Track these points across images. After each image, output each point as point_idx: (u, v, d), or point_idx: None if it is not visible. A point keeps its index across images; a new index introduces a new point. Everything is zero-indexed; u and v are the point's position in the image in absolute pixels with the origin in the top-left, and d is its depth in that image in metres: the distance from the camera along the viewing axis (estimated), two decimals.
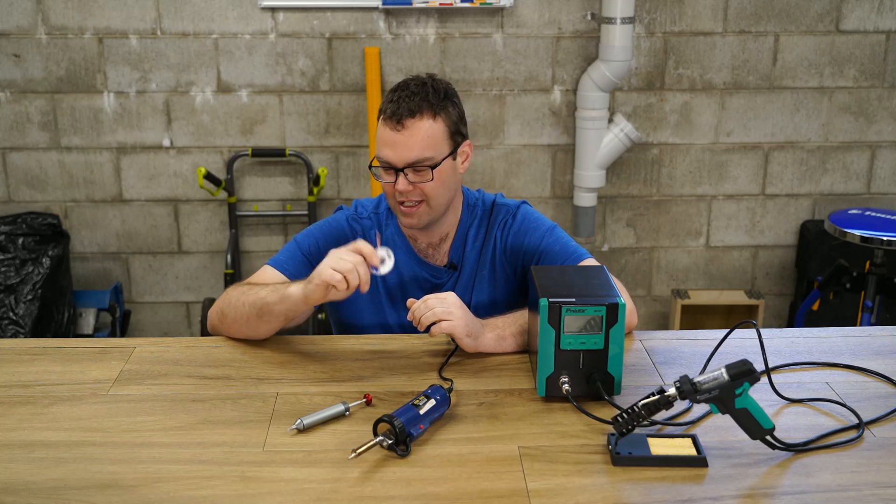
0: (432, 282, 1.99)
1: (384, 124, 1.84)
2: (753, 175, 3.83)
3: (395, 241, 1.99)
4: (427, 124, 1.83)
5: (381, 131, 1.85)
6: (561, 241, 1.97)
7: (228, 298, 1.86)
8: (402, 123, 1.81)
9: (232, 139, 3.70)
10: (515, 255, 1.99)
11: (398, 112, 1.82)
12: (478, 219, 2.01)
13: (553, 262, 1.94)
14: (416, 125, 1.82)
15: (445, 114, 1.85)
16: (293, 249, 1.96)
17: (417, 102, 1.82)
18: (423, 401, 1.51)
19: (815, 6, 3.63)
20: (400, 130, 1.82)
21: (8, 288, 3.47)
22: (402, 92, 1.84)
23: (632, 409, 1.43)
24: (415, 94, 1.83)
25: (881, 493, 1.37)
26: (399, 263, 1.98)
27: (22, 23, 3.54)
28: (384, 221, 2.00)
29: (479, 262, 2.00)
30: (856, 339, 1.89)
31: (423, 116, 1.82)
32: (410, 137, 1.82)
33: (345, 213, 2.02)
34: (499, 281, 2.00)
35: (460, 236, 2.00)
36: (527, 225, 1.99)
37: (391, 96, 1.85)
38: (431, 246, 2.00)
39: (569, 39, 3.64)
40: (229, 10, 3.55)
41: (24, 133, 3.66)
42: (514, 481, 1.39)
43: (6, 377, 1.72)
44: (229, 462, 1.44)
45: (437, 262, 2.00)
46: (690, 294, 3.86)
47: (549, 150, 3.77)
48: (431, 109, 1.83)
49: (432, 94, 1.84)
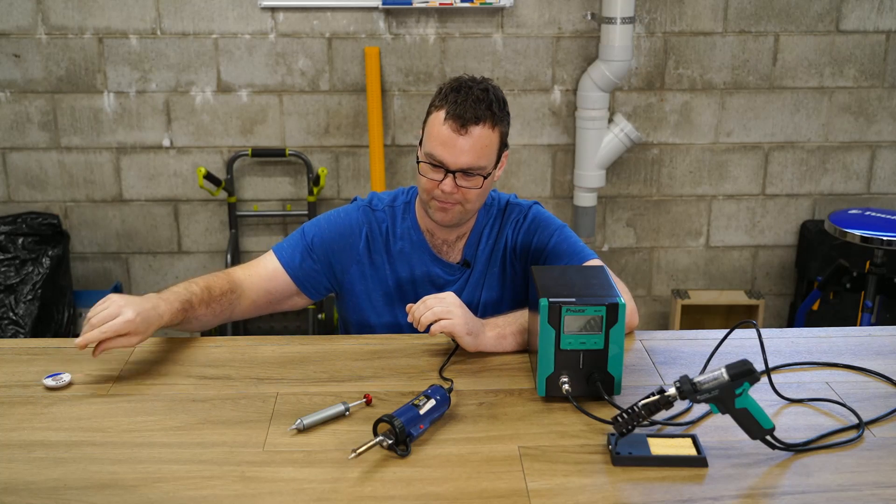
0: (445, 278, 2.00)
1: (445, 123, 1.80)
2: (753, 175, 3.83)
3: (410, 235, 2.00)
4: (487, 133, 1.82)
5: (438, 128, 1.81)
6: (569, 240, 1.98)
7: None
8: (466, 128, 1.79)
9: (232, 139, 3.70)
10: (525, 253, 2.00)
11: (464, 116, 1.79)
12: (493, 218, 2.02)
13: (560, 262, 1.95)
14: (479, 132, 1.80)
15: (502, 125, 1.85)
16: (297, 238, 1.98)
17: (483, 110, 1.80)
18: (423, 401, 1.51)
19: (815, 6, 3.63)
20: (463, 134, 1.80)
21: (8, 288, 3.47)
22: (466, 94, 1.81)
23: (632, 409, 1.43)
24: (480, 100, 1.80)
25: (881, 493, 1.37)
26: (412, 261, 1.99)
27: (22, 23, 3.54)
28: (400, 215, 2.01)
29: (490, 261, 2.01)
30: (856, 339, 1.89)
31: (485, 125, 1.81)
32: (471, 143, 1.80)
33: (358, 205, 2.02)
34: (508, 279, 2.01)
35: (475, 234, 2.01)
36: (536, 224, 2.00)
37: (455, 97, 1.81)
38: (447, 243, 2.00)
39: (569, 39, 3.64)
40: (229, 10, 3.55)
41: (24, 133, 3.66)
42: (514, 481, 1.39)
43: (6, 377, 1.72)
44: (229, 462, 1.44)
45: (451, 259, 2.01)
46: (690, 294, 3.86)
47: (549, 150, 3.77)
48: (493, 119, 1.82)
49: (495, 103, 1.83)
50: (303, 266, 1.95)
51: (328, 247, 1.97)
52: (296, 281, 1.95)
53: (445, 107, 1.81)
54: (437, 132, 1.82)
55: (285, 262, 1.95)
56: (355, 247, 1.98)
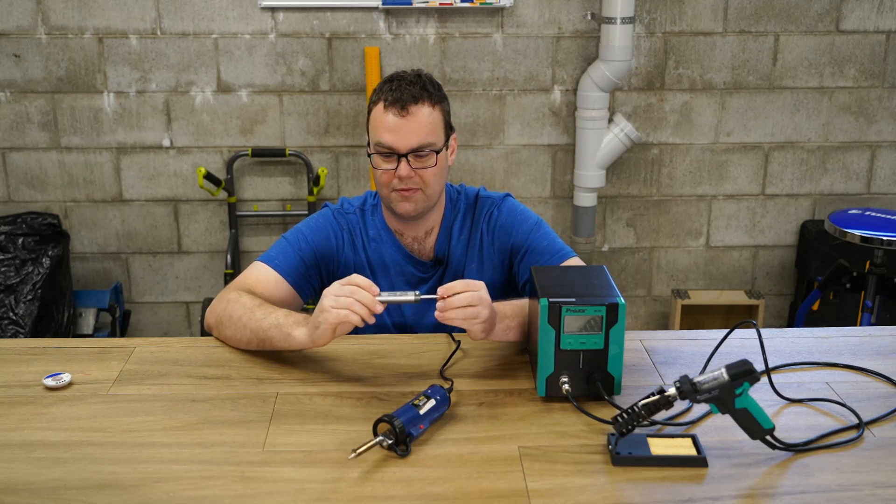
0: (419, 276, 2.01)
1: (385, 111, 1.85)
2: (753, 175, 3.83)
3: (381, 236, 2.01)
4: (428, 110, 1.86)
5: (380, 118, 1.86)
6: (548, 237, 1.99)
7: (229, 312, 1.82)
8: (407, 109, 1.84)
9: (232, 139, 3.70)
10: (503, 248, 2.01)
11: (402, 98, 1.84)
12: (461, 212, 2.03)
13: (538, 259, 1.95)
14: (420, 111, 1.85)
15: (441, 105, 1.90)
16: (284, 246, 1.97)
17: (418, 90, 1.86)
18: (423, 401, 1.51)
19: (815, 6, 3.63)
20: (405, 116, 1.84)
21: (8, 288, 3.47)
22: (399, 81, 1.87)
23: (632, 409, 1.43)
24: (413, 83, 1.87)
25: (881, 493, 1.37)
26: (386, 262, 2.00)
27: (22, 23, 3.54)
28: (369, 217, 2.02)
29: (466, 256, 2.01)
30: (856, 339, 1.89)
31: (424, 103, 1.86)
32: (414, 122, 1.84)
33: (331, 210, 2.04)
34: (486, 274, 2.01)
35: (445, 230, 2.01)
36: (513, 219, 2.01)
37: (389, 85, 1.87)
38: (417, 241, 2.01)
39: (569, 39, 3.64)
40: (229, 10, 3.55)
41: (24, 133, 3.66)
42: (514, 481, 1.39)
43: (6, 377, 1.72)
44: (229, 462, 1.44)
45: (424, 256, 2.02)
46: (690, 294, 3.86)
47: (549, 150, 3.77)
48: (430, 98, 1.87)
49: (429, 84, 1.89)
50: (298, 270, 1.95)
51: (315, 251, 1.97)
52: (295, 286, 1.94)
53: (382, 97, 1.87)
54: (380, 121, 1.86)
55: (282, 270, 1.93)
56: (340, 249, 2.00)
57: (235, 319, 1.80)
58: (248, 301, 1.81)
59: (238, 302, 1.82)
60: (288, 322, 1.73)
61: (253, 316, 1.77)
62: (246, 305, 1.80)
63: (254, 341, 1.78)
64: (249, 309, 1.79)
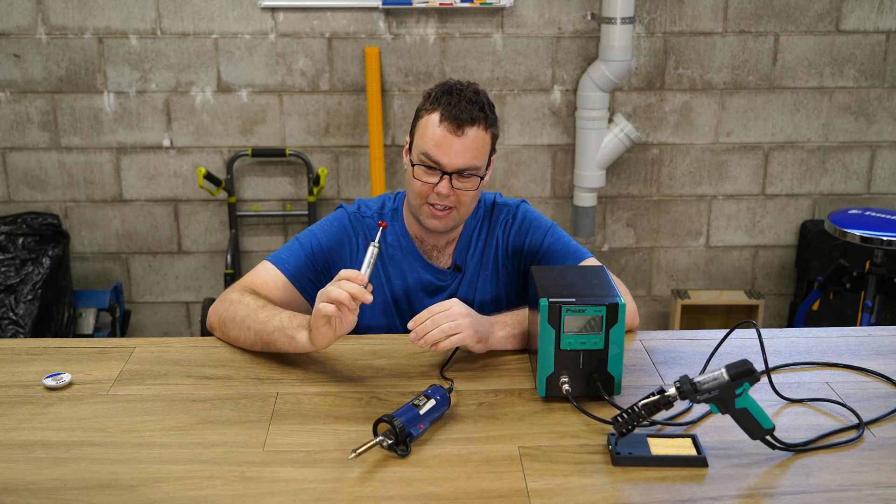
0: (437, 284, 1.99)
1: (441, 125, 1.81)
2: (753, 175, 3.83)
3: (400, 243, 1.98)
4: (481, 134, 1.83)
5: (432, 129, 1.81)
6: (562, 240, 1.98)
7: (232, 313, 1.81)
8: (462, 129, 1.80)
9: (232, 139, 3.70)
10: (517, 254, 2.00)
11: (460, 117, 1.80)
12: (480, 219, 2.02)
13: (556, 262, 1.94)
14: (474, 133, 1.81)
15: (493, 129, 1.87)
16: (295, 248, 1.95)
17: (477, 111, 1.81)
18: (423, 401, 1.51)
19: (815, 6, 3.63)
20: (458, 135, 1.80)
21: (8, 288, 3.47)
22: (459, 97, 1.82)
23: (632, 409, 1.43)
24: (473, 102, 1.82)
25: (881, 493, 1.37)
26: (404, 268, 1.98)
27: (22, 23, 3.54)
28: (388, 223, 1.99)
29: (482, 263, 2.00)
30: (856, 339, 1.89)
31: (479, 126, 1.82)
32: (466, 143, 1.81)
33: (347, 211, 2.00)
34: (501, 280, 2.01)
35: (465, 238, 2.00)
36: (528, 224, 2.00)
37: (448, 98, 1.82)
38: (437, 248, 1.99)
39: (569, 39, 3.64)
40: (229, 10, 3.55)
41: (24, 133, 3.66)
42: (514, 481, 1.39)
43: (6, 377, 1.72)
44: (229, 462, 1.44)
45: (442, 264, 2.00)
46: (690, 294, 3.86)
47: (549, 150, 3.77)
48: (486, 121, 1.83)
49: (487, 105, 1.84)
50: (306, 274, 1.93)
51: (328, 254, 1.95)
52: (300, 290, 1.93)
53: (439, 109, 1.81)
54: (431, 133, 1.81)
55: (290, 272, 1.91)
56: (353, 254, 1.96)
57: (239, 321, 1.79)
58: (252, 302, 1.81)
59: (241, 303, 1.81)
60: (292, 325, 1.72)
61: (257, 318, 1.77)
62: (250, 307, 1.80)
63: (258, 343, 1.78)
64: (253, 310, 1.78)
